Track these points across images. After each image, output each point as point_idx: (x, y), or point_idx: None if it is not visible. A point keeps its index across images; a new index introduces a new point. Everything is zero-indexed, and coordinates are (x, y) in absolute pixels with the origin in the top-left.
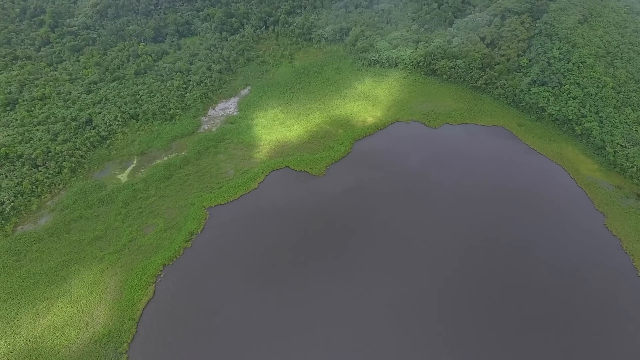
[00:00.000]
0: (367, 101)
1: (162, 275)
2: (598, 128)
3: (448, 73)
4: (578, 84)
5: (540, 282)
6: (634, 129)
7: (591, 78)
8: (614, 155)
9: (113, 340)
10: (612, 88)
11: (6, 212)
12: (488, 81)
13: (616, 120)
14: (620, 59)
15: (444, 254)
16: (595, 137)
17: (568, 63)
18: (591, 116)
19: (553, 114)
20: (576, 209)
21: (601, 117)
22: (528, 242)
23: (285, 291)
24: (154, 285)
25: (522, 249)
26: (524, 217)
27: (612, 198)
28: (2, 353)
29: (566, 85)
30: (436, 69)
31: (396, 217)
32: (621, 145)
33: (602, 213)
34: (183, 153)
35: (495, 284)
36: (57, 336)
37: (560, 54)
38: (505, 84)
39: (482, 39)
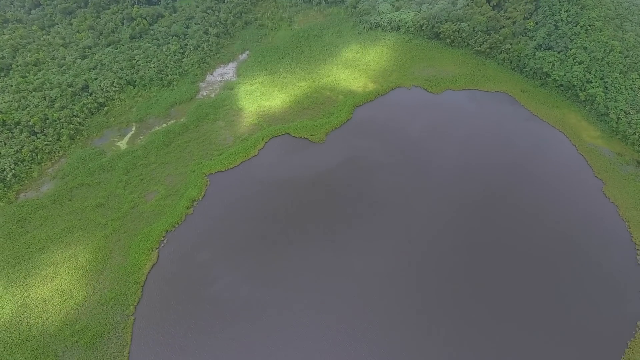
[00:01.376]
0: (368, 66)
1: (165, 241)
2: (602, 94)
3: (451, 37)
4: (585, 48)
5: (538, 247)
6: (639, 95)
7: (598, 42)
8: (616, 122)
9: (120, 303)
10: (620, 52)
11: (8, 179)
12: (492, 45)
13: (621, 86)
14: (631, 21)
15: (444, 221)
16: (599, 104)
17: (576, 26)
18: (596, 82)
19: (557, 80)
20: (576, 175)
21: (606, 82)
22: (527, 209)
23: (285, 258)
24: (157, 250)
25: (521, 215)
26: (524, 184)
27: (612, 165)
28: (14, 314)
29: (572, 50)
30: (439, 33)
31: (396, 184)
32: (625, 112)
33: (601, 180)
34: (182, 120)
35: (494, 248)
36: (65, 299)
37: (568, 16)
38: (510, 49)
39: (488, 1)
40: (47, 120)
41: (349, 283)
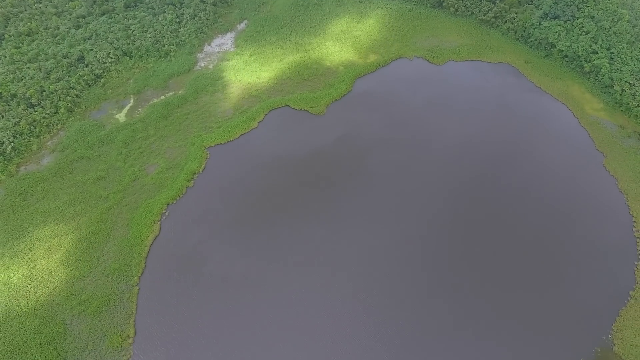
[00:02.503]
0: (370, 36)
1: (166, 214)
2: (608, 65)
3: (455, 5)
4: (592, 17)
5: (536, 219)
6: None
7: (607, 10)
8: (620, 94)
9: (124, 274)
10: (628, 22)
11: (7, 152)
12: (497, 14)
13: (627, 57)
14: None
15: (445, 193)
16: (603, 75)
17: None
18: (602, 52)
19: (562, 50)
20: (577, 148)
21: (612, 53)
22: (527, 182)
23: (285, 230)
24: (159, 223)
25: (520, 188)
26: (524, 157)
27: (614, 138)
28: (22, 284)
29: (579, 19)
30: (442, 1)
31: (397, 158)
32: (629, 84)
33: (602, 153)
34: (180, 92)
35: (493, 219)
36: (70, 270)
37: None
38: (515, 18)
39: None
40: (44, 93)
41: (349, 255)
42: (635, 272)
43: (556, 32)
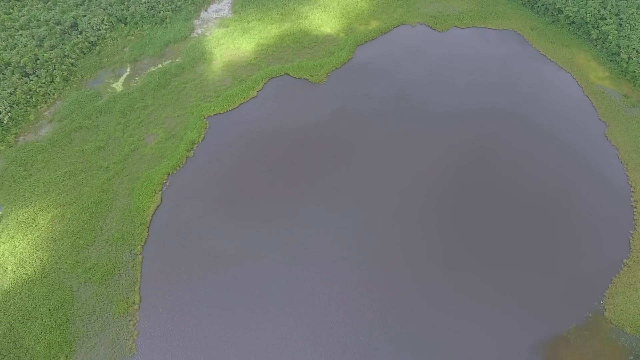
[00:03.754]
0: (371, 2)
1: (167, 184)
2: (615, 32)
3: None
4: None
5: (535, 187)
6: None
7: None
8: (627, 62)
9: (127, 243)
10: None
11: (5, 122)
12: None
13: (637, 23)
14: None
15: (446, 161)
16: (611, 42)
17: None
18: (611, 18)
19: (570, 16)
20: (579, 118)
21: (621, 19)
22: (526, 151)
23: (285, 200)
24: (160, 193)
25: (520, 158)
26: (526, 126)
27: (617, 107)
28: (27, 253)
29: None
30: None
31: (398, 127)
32: (637, 51)
33: (604, 122)
34: (177, 60)
35: (492, 186)
36: (75, 239)
37: None
38: None
39: None
40: (38, 61)
41: (348, 221)
42: (631, 241)
43: None
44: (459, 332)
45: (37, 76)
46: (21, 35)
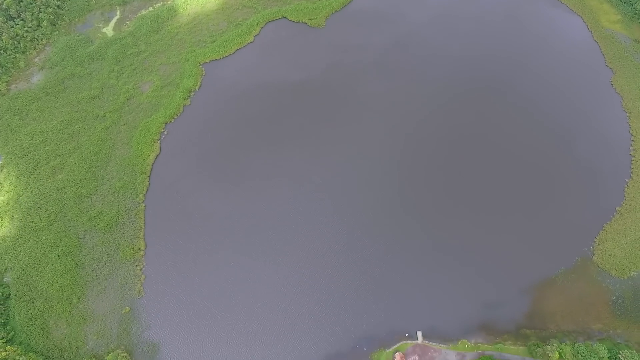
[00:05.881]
0: None
1: (165, 133)
2: None
3: None
4: None
5: (538, 133)
6: None
7: None
8: None
9: (129, 191)
10: None
11: None
12: None
13: None
14: None
15: (450, 105)
16: None
17: None
18: None
19: None
20: (586, 64)
21: None
22: (530, 97)
23: (284, 147)
24: (159, 142)
25: (524, 103)
26: (531, 72)
27: (626, 53)
28: (32, 202)
29: None
30: None
31: (400, 73)
32: None
33: (611, 69)
34: (169, 2)
35: (493, 131)
36: (77, 188)
37: None
38: None
39: None
40: (22, 3)
41: (349, 159)
42: (625, 189)
43: None
44: (454, 271)
45: (22, 20)
46: None
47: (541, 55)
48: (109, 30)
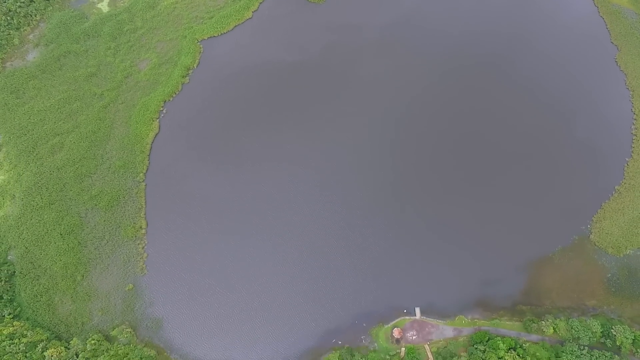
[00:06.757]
0: None
1: (164, 111)
2: None
3: None
4: None
5: (538, 111)
6: None
7: None
8: None
9: (129, 170)
10: None
11: None
12: None
13: None
14: None
15: (450, 80)
16: None
17: None
18: None
19: None
20: (590, 40)
21: None
22: (533, 74)
23: (284, 123)
24: (157, 120)
25: (525, 82)
26: (534, 49)
27: (633, 29)
28: (32, 181)
29: None
30: None
31: (402, 49)
32: None
33: (616, 46)
34: None
35: (496, 108)
36: (77, 167)
37: None
38: None
39: None
40: None
41: (348, 138)
42: (625, 168)
43: None
44: (452, 248)
45: None
46: None
47: (545, 30)
48: (103, 5)
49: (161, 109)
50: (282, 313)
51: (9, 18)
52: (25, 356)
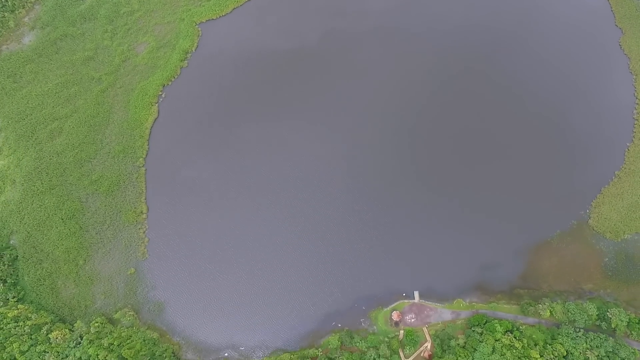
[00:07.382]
0: None
1: (163, 96)
2: None
3: None
4: None
5: (541, 96)
6: None
7: None
8: None
9: (129, 155)
10: None
11: None
12: None
13: None
14: None
15: (455, 66)
16: None
17: None
18: None
19: None
20: (594, 23)
21: None
22: (534, 59)
23: (285, 106)
24: (156, 105)
25: (527, 65)
26: (536, 33)
27: (638, 12)
28: (33, 166)
29: None
30: None
31: (405, 33)
32: None
33: (620, 29)
34: None
35: (498, 93)
36: (76, 152)
37: None
38: None
39: None
40: None
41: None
42: (626, 153)
43: None
44: (451, 233)
45: None
46: None
47: (548, 12)
48: None
49: (160, 93)
50: (282, 296)
51: (3, 0)
52: (31, 338)
